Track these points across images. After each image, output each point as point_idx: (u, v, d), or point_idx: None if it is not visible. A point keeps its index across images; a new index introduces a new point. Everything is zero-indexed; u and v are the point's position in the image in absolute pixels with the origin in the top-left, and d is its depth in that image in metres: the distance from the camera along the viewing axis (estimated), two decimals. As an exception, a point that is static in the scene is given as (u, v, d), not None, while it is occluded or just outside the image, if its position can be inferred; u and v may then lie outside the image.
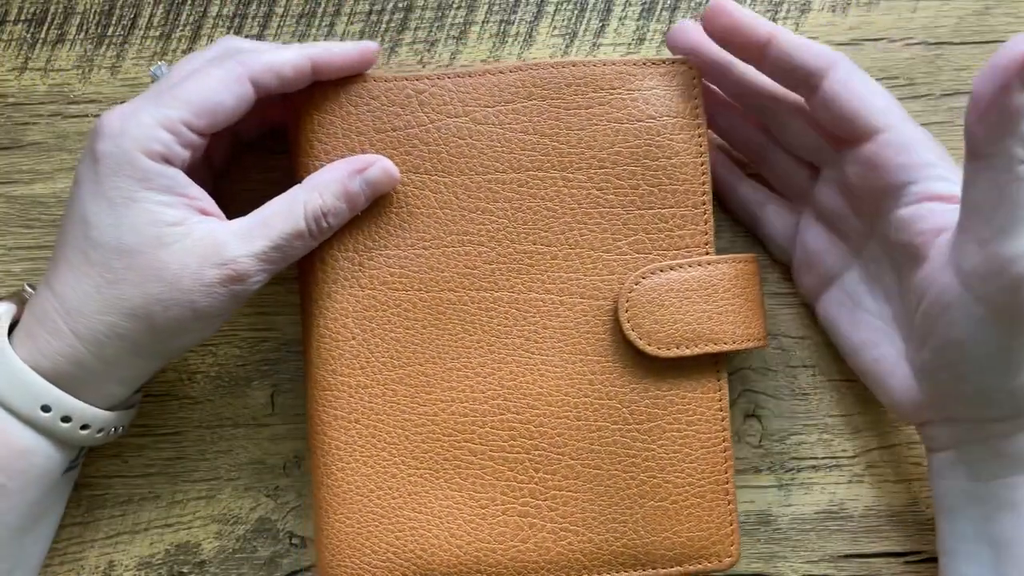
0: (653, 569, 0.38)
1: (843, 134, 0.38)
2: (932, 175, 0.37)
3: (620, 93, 0.39)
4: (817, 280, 0.42)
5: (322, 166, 0.39)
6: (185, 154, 0.37)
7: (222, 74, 0.37)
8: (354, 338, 0.39)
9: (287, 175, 0.40)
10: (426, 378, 0.39)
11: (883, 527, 0.43)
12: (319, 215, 0.37)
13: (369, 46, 0.39)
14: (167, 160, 0.36)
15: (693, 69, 0.39)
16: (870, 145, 0.37)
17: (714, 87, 0.43)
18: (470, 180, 0.39)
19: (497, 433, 0.39)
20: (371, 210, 0.39)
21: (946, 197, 0.37)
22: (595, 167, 0.39)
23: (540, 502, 0.39)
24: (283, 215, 0.37)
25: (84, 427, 0.37)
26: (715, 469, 0.39)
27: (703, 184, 0.39)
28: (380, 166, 0.38)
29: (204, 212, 0.37)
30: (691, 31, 0.40)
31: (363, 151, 0.39)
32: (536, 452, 0.39)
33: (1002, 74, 0.31)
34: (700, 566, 0.39)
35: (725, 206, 0.45)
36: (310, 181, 0.38)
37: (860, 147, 0.38)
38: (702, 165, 0.39)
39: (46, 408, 0.36)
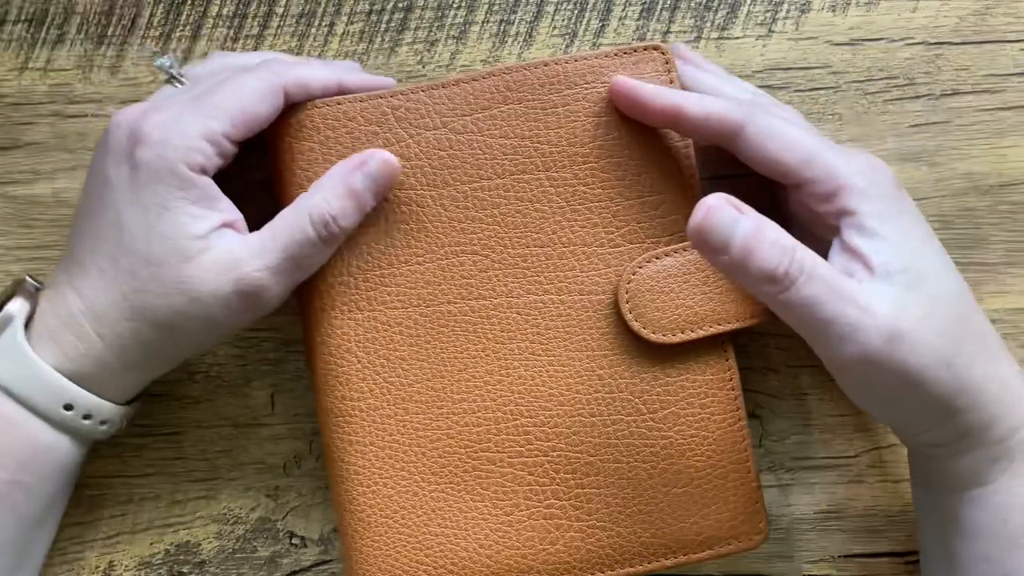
0: (684, 556, 0.38)
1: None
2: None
3: (595, 87, 0.39)
4: None
5: None
6: (219, 163, 0.37)
7: (258, 84, 0.37)
8: (359, 362, 0.39)
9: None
10: (436, 393, 0.39)
11: (883, 527, 0.43)
12: (327, 219, 0.37)
13: (391, 83, 0.40)
14: (203, 170, 0.37)
15: (665, 54, 0.39)
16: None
17: None
18: (456, 191, 0.39)
19: (513, 439, 0.39)
20: (361, 232, 0.39)
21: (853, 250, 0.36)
22: (579, 163, 0.39)
23: (564, 502, 0.39)
24: (291, 224, 0.37)
25: (103, 423, 0.38)
26: (734, 448, 0.39)
27: (689, 167, 0.39)
28: (379, 158, 0.38)
29: (230, 225, 0.37)
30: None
31: None
32: (554, 453, 0.39)
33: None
34: (731, 547, 0.39)
35: None
36: (313, 187, 0.38)
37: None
38: (685, 148, 0.39)
39: (68, 406, 0.37)
